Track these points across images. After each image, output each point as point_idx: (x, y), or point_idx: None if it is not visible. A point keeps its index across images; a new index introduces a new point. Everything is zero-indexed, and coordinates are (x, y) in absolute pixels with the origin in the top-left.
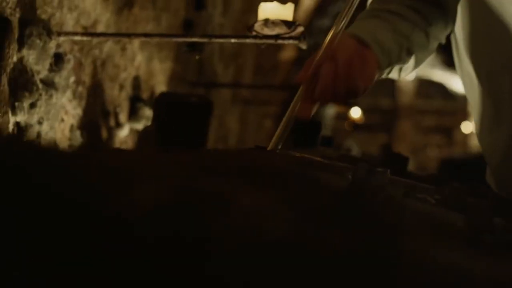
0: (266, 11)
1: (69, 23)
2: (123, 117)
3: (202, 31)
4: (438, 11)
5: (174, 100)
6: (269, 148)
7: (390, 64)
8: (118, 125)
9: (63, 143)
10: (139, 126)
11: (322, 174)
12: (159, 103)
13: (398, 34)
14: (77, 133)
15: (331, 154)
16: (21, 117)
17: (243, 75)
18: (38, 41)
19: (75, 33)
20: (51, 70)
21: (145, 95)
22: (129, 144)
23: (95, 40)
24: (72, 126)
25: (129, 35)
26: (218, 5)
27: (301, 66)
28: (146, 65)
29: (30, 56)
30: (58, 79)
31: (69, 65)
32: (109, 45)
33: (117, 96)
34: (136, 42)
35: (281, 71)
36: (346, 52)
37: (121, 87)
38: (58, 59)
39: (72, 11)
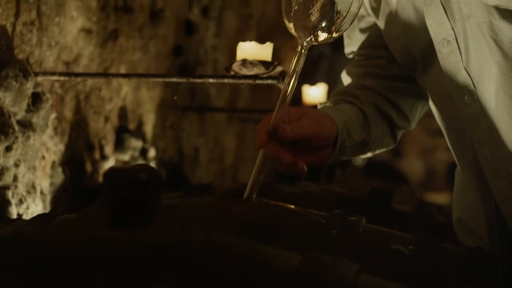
0: (244, 51)
1: (50, 60)
2: (108, 149)
3: (193, 55)
4: (416, 99)
5: (121, 175)
6: (245, 196)
7: (349, 147)
8: (103, 157)
9: (44, 182)
10: (126, 157)
11: (278, 252)
12: (107, 178)
13: (365, 118)
14: (59, 170)
15: (315, 189)
16: None
17: (239, 95)
18: (14, 83)
19: (53, 73)
20: (28, 110)
21: (132, 125)
22: None
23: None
24: (53, 163)
25: (107, 75)
26: (211, 27)
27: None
28: (133, 94)
29: (6, 98)
30: (36, 119)
31: (47, 104)
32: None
33: (102, 128)
34: (122, 72)
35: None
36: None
37: (107, 119)
38: (36, 99)
39: (53, 47)
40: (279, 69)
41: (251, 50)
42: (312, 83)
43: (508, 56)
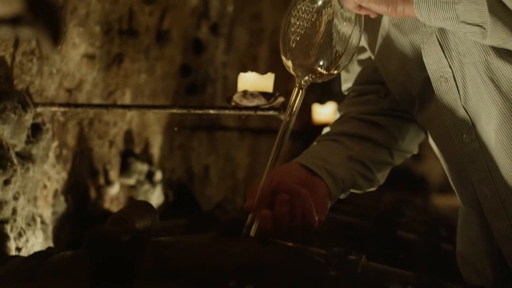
0: (245, 82)
1: (51, 88)
2: (113, 174)
3: (202, 73)
4: (406, 123)
5: (104, 236)
6: (243, 232)
7: (344, 191)
8: (108, 182)
9: (46, 211)
10: (131, 181)
11: None
12: (88, 241)
13: (354, 161)
14: (61, 198)
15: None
16: None
17: None
18: (12, 115)
19: (53, 104)
20: (28, 142)
21: (138, 148)
22: (121, 201)
23: (81, 99)
24: (56, 192)
25: (107, 106)
26: (221, 44)
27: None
28: (139, 117)
29: (4, 130)
30: (36, 151)
31: (48, 135)
32: (97, 102)
33: (107, 153)
34: (127, 96)
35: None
36: (294, 182)
37: (111, 143)
38: (36, 130)
39: (54, 76)
40: (280, 100)
41: (251, 81)
42: (322, 102)
43: (506, 96)
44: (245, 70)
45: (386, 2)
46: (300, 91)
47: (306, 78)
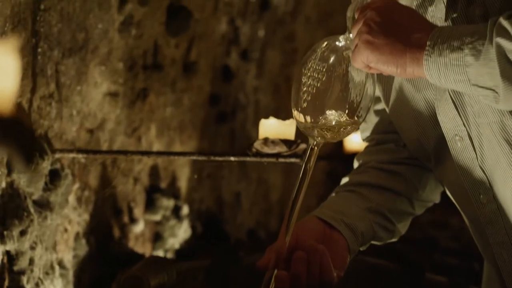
0: (266, 129)
1: (72, 130)
2: (138, 211)
3: (232, 100)
4: (426, 172)
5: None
6: None
7: (364, 244)
8: (133, 220)
9: (67, 255)
10: (157, 217)
11: None
12: None
13: (374, 212)
14: (83, 241)
15: None
16: (10, 246)
17: None
18: (29, 163)
19: (71, 150)
20: (46, 189)
21: (164, 183)
22: (146, 238)
23: (103, 138)
24: (77, 235)
25: (126, 153)
26: (251, 69)
27: None
28: (165, 151)
29: (21, 179)
30: (54, 198)
31: (66, 181)
32: (120, 140)
33: (131, 190)
34: (152, 131)
35: None
36: (312, 237)
37: (136, 180)
38: (55, 176)
39: (74, 117)
40: (302, 146)
41: (273, 128)
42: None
43: None
44: (278, 92)
45: (395, 63)
46: (314, 150)
47: (319, 138)
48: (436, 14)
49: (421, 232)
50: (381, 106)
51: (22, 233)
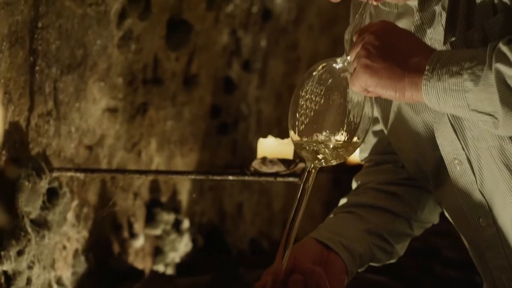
0: (264, 148)
1: (70, 147)
2: (138, 226)
3: (234, 111)
4: (425, 193)
5: None
6: None
7: (362, 266)
8: (133, 235)
9: (65, 272)
10: (157, 232)
11: None
12: None
13: (372, 234)
14: (82, 258)
15: None
16: (7, 266)
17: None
18: (26, 183)
19: (68, 169)
20: (43, 208)
21: (164, 197)
22: (146, 253)
23: (102, 154)
24: (76, 252)
25: (124, 172)
26: (253, 79)
27: None
28: (165, 165)
29: (18, 199)
30: (52, 216)
31: (64, 199)
32: (120, 155)
33: (131, 205)
34: (153, 145)
35: None
36: (309, 259)
37: (136, 195)
38: (52, 195)
39: (73, 134)
40: (301, 165)
41: (271, 147)
42: None
43: None
44: (281, 101)
45: (393, 87)
46: (312, 173)
47: (317, 161)
48: (435, 37)
49: (422, 241)
50: (379, 127)
51: (20, 253)
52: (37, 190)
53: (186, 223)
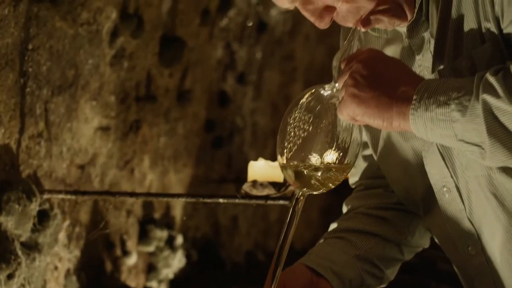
0: (255, 171)
1: (62, 167)
2: (131, 243)
3: (229, 125)
4: (415, 217)
5: None
6: None
7: None
8: (125, 253)
9: None
10: (150, 249)
11: None
12: None
13: (362, 260)
14: (73, 278)
15: None
16: None
17: None
18: (17, 206)
19: (59, 192)
20: (34, 230)
21: (158, 213)
22: (139, 270)
23: (94, 173)
24: (67, 272)
25: (114, 194)
26: (248, 92)
27: None
28: (159, 181)
29: (8, 222)
30: (43, 238)
31: (55, 221)
32: (112, 173)
33: (124, 223)
34: (146, 162)
35: None
36: (299, 285)
37: (129, 212)
38: (43, 217)
39: (64, 154)
40: (291, 188)
41: (261, 171)
42: None
43: (510, 212)
44: (277, 112)
45: (381, 116)
46: (300, 201)
47: (305, 189)
48: (424, 64)
49: (417, 254)
50: (369, 151)
51: (10, 276)
52: (27, 213)
53: (179, 239)
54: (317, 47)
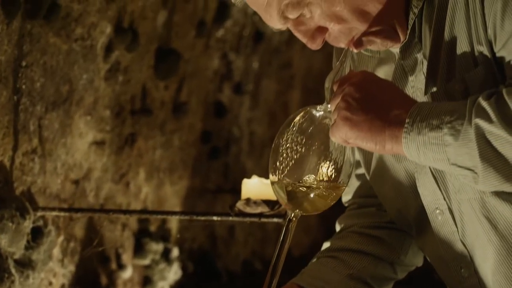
0: (248, 189)
1: (56, 182)
2: (126, 257)
3: (225, 135)
4: (408, 236)
5: None
6: None
7: None
8: (121, 266)
9: None
10: (146, 261)
11: None
12: None
13: (355, 279)
14: None
15: None
16: None
17: None
18: (10, 223)
19: (53, 209)
20: (28, 247)
21: (153, 226)
22: (135, 283)
23: (89, 187)
24: (62, 287)
25: (107, 212)
26: (245, 101)
27: None
28: (154, 194)
29: (1, 240)
30: (37, 256)
31: (49, 238)
32: (108, 187)
33: (119, 236)
34: (141, 175)
35: None
36: None
37: (124, 226)
38: (37, 234)
39: (58, 170)
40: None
41: (255, 188)
42: None
43: (503, 235)
44: (275, 120)
45: (373, 140)
46: (292, 222)
47: (297, 210)
48: (417, 85)
49: None
50: (362, 170)
51: None
52: (21, 231)
53: (175, 252)
54: (314, 53)
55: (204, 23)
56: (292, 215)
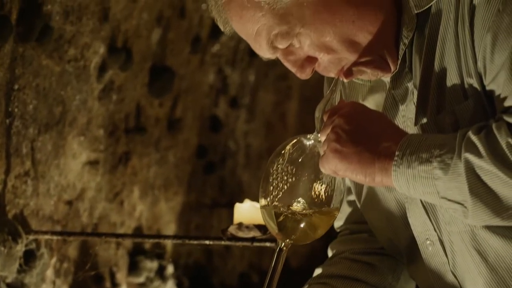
0: (241, 213)
1: (49, 204)
2: (120, 275)
3: (221, 149)
4: (400, 262)
5: None
6: None
7: None
8: (115, 285)
9: None
10: (140, 279)
11: None
12: None
13: None
14: None
15: None
16: None
17: None
18: (2, 248)
19: (45, 232)
20: (20, 271)
21: (148, 244)
22: None
23: (83, 207)
24: None
25: (100, 235)
26: (241, 115)
27: None
28: (149, 211)
29: None
30: (29, 279)
31: (42, 261)
32: (102, 206)
33: (114, 255)
34: (135, 193)
35: None
36: None
37: (118, 244)
38: (30, 257)
39: (51, 191)
40: None
41: (247, 213)
42: None
43: (493, 268)
44: (272, 131)
45: (363, 172)
46: (283, 252)
47: (288, 240)
48: (407, 115)
49: None
50: (353, 197)
51: None
52: (13, 255)
53: (170, 269)
54: None
55: (199, 39)
56: (283, 245)
